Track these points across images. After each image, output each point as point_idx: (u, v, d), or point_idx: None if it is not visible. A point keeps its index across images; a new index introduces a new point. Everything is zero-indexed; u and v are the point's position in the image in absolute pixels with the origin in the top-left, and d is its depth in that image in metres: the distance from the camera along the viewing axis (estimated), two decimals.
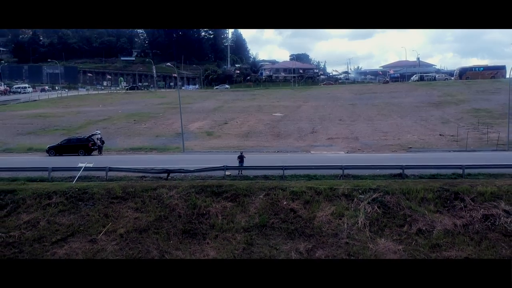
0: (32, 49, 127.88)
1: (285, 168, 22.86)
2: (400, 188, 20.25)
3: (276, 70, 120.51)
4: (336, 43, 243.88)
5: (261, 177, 22.59)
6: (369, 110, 52.21)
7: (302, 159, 29.34)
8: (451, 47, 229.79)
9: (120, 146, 36.44)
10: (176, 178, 23.03)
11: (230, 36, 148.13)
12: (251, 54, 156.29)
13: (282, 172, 22.69)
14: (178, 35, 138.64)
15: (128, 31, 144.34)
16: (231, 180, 22.16)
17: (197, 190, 20.72)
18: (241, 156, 24.73)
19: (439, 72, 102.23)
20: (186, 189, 20.81)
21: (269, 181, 21.86)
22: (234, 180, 22.15)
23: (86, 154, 31.33)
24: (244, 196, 20.26)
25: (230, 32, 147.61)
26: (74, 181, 22.44)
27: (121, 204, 20.18)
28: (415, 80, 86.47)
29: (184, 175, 23.21)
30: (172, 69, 72.20)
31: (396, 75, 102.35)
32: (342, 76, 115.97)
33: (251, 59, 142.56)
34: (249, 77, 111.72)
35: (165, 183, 21.88)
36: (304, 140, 37.98)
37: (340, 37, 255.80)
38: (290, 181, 21.80)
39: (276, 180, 22.09)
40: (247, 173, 23.33)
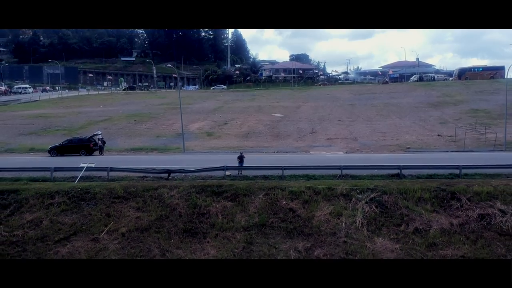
0: (33, 50, 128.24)
1: (284, 168, 23.12)
2: (398, 188, 20.50)
3: (276, 71, 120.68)
4: (336, 43, 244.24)
5: (261, 177, 22.83)
6: (368, 111, 52.46)
7: (301, 159, 29.57)
8: (451, 47, 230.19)
9: (121, 147, 36.66)
10: (177, 178, 23.30)
11: (230, 37, 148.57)
12: (251, 55, 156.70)
13: (282, 172, 22.96)
14: (178, 36, 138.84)
15: (128, 31, 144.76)
16: (231, 180, 22.43)
17: (198, 190, 20.99)
18: (241, 157, 25.00)
19: (439, 73, 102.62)
20: (187, 189, 21.08)
21: (269, 181, 22.11)
22: (234, 180, 22.41)
23: (88, 155, 31.58)
24: (244, 196, 20.53)
25: (230, 33, 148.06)
26: (76, 181, 22.71)
27: (123, 204, 20.46)
28: (414, 81, 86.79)
29: (185, 175, 23.47)
30: (172, 70, 72.42)
31: (396, 76, 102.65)
32: (342, 77, 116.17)
33: (251, 60, 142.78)
34: (249, 78, 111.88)
35: (166, 183, 22.16)
36: (304, 141, 38.24)
37: (340, 37, 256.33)
38: (289, 181, 22.07)
39: (276, 180, 22.35)
40: (247, 173, 23.59)
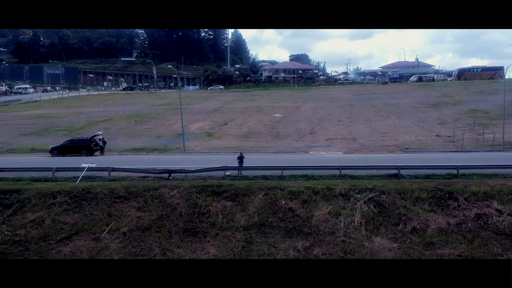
0: (33, 50, 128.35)
1: (284, 169, 23.34)
2: (396, 188, 20.74)
3: (276, 71, 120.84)
4: (336, 43, 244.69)
5: (260, 177, 23.06)
6: (368, 111, 52.67)
7: (301, 160, 29.79)
8: (451, 47, 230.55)
9: (122, 147, 36.82)
10: (177, 178, 23.53)
11: (230, 37, 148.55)
12: (251, 55, 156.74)
13: (281, 172, 23.19)
14: (178, 36, 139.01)
15: (128, 32, 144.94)
16: (231, 180, 22.65)
17: (198, 190, 21.22)
18: (241, 157, 25.20)
19: (438, 73, 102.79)
20: (187, 189, 21.31)
21: (268, 181, 22.35)
22: (234, 180, 22.64)
23: (89, 155, 31.79)
24: (244, 196, 20.76)
25: (230, 33, 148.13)
26: (78, 181, 22.94)
27: (124, 204, 20.70)
28: (414, 81, 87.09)
29: (185, 175, 23.69)
30: (172, 70, 72.66)
31: (395, 76, 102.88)
32: (342, 77, 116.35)
33: (251, 60, 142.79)
34: (249, 78, 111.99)
35: (167, 183, 22.38)
36: (303, 141, 38.42)
37: (340, 37, 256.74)
38: (289, 181, 22.29)
39: (275, 180, 22.58)
40: (247, 173, 23.81)
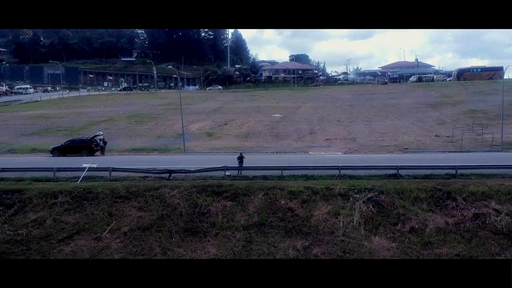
0: (33, 50, 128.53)
1: (284, 169, 23.51)
2: (395, 188, 20.92)
3: (276, 71, 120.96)
4: (336, 43, 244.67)
5: (260, 177, 23.24)
6: (367, 111, 52.79)
7: (300, 160, 29.92)
8: (451, 47, 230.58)
9: (122, 147, 36.92)
10: (178, 178, 23.69)
11: (230, 37, 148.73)
12: (251, 55, 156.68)
13: (281, 173, 23.36)
14: (178, 36, 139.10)
15: (128, 32, 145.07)
16: (231, 180, 22.83)
17: (198, 190, 21.40)
18: (241, 157, 25.35)
19: (438, 73, 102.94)
20: (188, 189, 21.49)
21: (268, 181, 22.52)
22: (234, 180, 22.82)
23: (89, 155, 31.92)
24: (244, 196, 20.94)
25: (230, 33, 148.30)
26: (79, 181, 23.10)
27: (125, 204, 20.89)
28: (414, 81, 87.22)
29: (186, 175, 23.85)
30: (172, 70, 72.83)
31: (395, 76, 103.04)
32: (341, 77, 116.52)
33: (251, 60, 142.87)
34: (249, 78, 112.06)
35: (167, 183, 22.56)
36: (303, 141, 38.54)
37: (340, 37, 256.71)
38: (288, 181, 22.46)
39: (275, 180, 22.76)
40: (247, 173, 23.98)
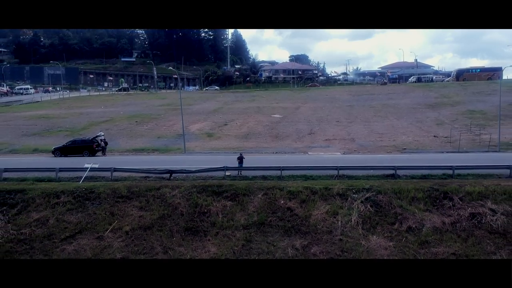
0: (33, 50, 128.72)
1: (283, 169, 23.79)
2: (392, 188, 21.20)
3: (276, 71, 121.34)
4: (336, 44, 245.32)
5: (260, 178, 23.51)
6: (366, 112, 53.12)
7: (300, 160, 30.25)
8: (451, 48, 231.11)
9: (123, 147, 37.20)
10: (178, 178, 23.97)
11: (230, 37, 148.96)
12: (251, 55, 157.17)
13: (280, 173, 23.65)
14: (178, 36, 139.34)
15: (128, 32, 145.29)
16: (231, 180, 23.11)
17: (199, 190, 21.68)
18: (241, 157, 25.65)
19: (437, 73, 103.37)
20: (188, 189, 21.77)
21: (267, 181, 22.80)
22: (234, 180, 23.10)
23: (91, 155, 32.19)
24: (244, 196, 21.22)
25: (230, 33, 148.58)
26: (81, 181, 23.40)
27: (126, 203, 21.16)
28: (413, 82, 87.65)
29: (186, 176, 24.13)
30: (172, 71, 73.13)
31: (394, 76, 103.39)
32: (341, 77, 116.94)
33: (251, 60, 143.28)
34: (249, 78, 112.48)
35: (168, 183, 22.84)
36: (302, 141, 38.84)
37: (340, 37, 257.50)
38: (288, 181, 22.73)
39: (274, 180, 23.04)
40: (246, 174, 24.25)
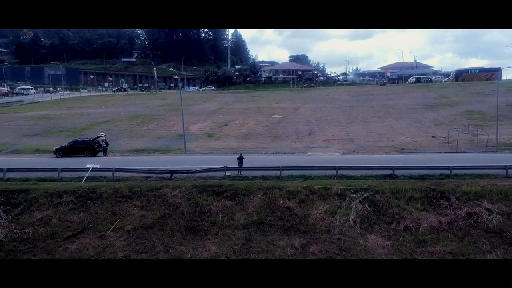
0: (34, 50, 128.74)
1: (282, 169, 24.08)
2: (390, 188, 21.50)
3: (275, 72, 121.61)
4: (336, 44, 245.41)
5: (259, 178, 23.80)
6: (365, 112, 53.37)
7: (299, 160, 30.54)
8: (451, 48, 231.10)
9: (124, 148, 37.45)
10: (179, 178, 24.26)
11: (230, 37, 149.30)
12: (251, 55, 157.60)
13: (279, 173, 23.94)
14: (178, 36, 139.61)
15: (129, 32, 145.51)
16: (231, 180, 23.41)
17: (199, 190, 21.98)
18: (241, 158, 25.94)
19: (436, 74, 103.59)
20: (189, 189, 22.06)
21: (267, 181, 23.10)
22: (234, 180, 23.40)
23: (92, 156, 32.52)
24: (243, 195, 21.52)
25: (230, 33, 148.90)
26: (83, 181, 23.69)
27: (128, 203, 21.47)
28: (412, 82, 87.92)
29: (187, 176, 24.42)
30: (173, 71, 73.46)
31: (394, 77, 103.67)
32: (341, 78, 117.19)
33: (251, 60, 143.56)
34: (249, 79, 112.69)
35: (169, 183, 23.14)
36: (301, 142, 39.10)
37: (340, 38, 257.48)
38: (287, 181, 23.03)
39: (274, 180, 23.33)
40: (246, 174, 24.55)
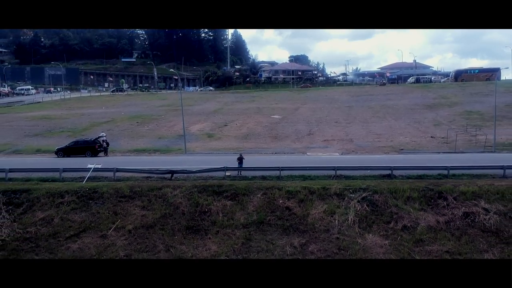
0: (34, 51, 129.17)
1: (282, 169, 24.28)
2: (388, 188, 21.71)
3: (275, 72, 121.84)
4: (336, 44, 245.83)
5: (259, 178, 23.99)
6: (365, 112, 53.61)
7: (298, 160, 30.73)
8: (451, 48, 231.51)
9: (124, 148, 37.65)
10: (180, 179, 24.47)
11: (230, 37, 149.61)
12: (251, 55, 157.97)
13: (279, 173, 24.15)
14: (178, 36, 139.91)
15: (129, 32, 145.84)
16: (231, 180, 23.62)
17: (199, 190, 22.19)
18: (240, 158, 26.15)
19: (436, 74, 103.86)
20: (189, 189, 22.28)
21: (267, 181, 23.31)
22: (234, 180, 23.61)
23: (93, 156, 32.71)
24: (243, 195, 21.74)
25: (230, 33, 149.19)
26: (84, 181, 23.90)
27: (129, 203, 21.68)
28: (412, 82, 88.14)
29: (187, 176, 24.61)
30: (173, 71, 73.69)
31: (393, 77, 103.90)
32: (340, 78, 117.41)
33: (251, 60, 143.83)
34: (249, 79, 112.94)
35: (169, 183, 23.36)
36: (301, 142, 39.32)
37: (340, 38, 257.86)
38: (286, 181, 23.24)
39: (273, 180, 23.54)
40: (246, 174, 24.75)
